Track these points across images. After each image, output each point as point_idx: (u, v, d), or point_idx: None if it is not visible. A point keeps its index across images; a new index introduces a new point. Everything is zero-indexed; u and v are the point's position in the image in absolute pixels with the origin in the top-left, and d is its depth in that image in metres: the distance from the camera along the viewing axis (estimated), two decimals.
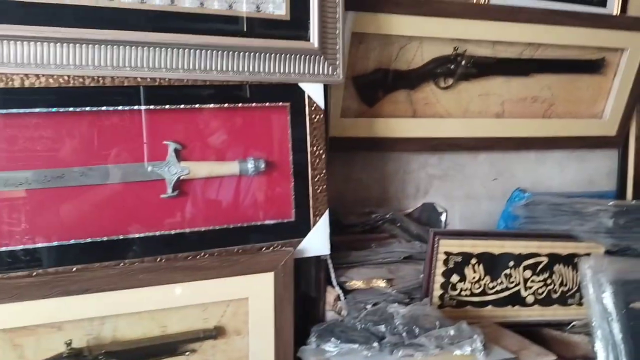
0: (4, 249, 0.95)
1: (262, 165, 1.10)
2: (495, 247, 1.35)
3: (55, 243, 0.98)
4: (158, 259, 1.04)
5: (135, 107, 1.02)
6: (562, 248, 1.41)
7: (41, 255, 0.98)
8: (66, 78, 0.95)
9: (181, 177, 1.06)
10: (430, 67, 1.45)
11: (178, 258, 1.05)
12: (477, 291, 1.36)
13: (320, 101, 1.12)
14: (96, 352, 1.03)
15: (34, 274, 0.97)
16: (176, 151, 1.05)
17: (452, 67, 1.46)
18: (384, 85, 1.43)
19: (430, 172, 1.57)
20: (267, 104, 1.10)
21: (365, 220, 1.45)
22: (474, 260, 1.34)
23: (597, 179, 1.74)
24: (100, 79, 0.97)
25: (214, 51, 1.02)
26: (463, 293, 1.35)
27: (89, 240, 1.00)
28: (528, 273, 1.38)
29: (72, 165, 1.00)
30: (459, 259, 1.34)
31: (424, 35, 1.40)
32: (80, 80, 0.97)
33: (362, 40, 1.34)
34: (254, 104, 1.09)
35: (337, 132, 1.34)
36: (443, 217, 1.57)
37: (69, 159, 1.00)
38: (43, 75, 0.94)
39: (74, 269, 0.99)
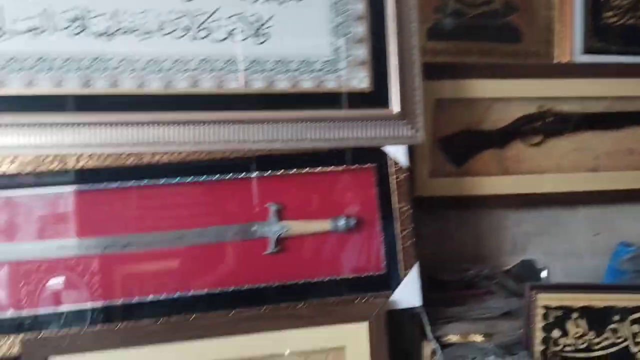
0: (135, 300, 1.13)
1: (353, 223, 1.20)
2: (598, 300, 1.32)
3: (177, 295, 1.15)
4: (262, 309, 1.16)
5: (242, 175, 1.18)
6: None
7: (165, 305, 1.14)
8: (185, 154, 1.15)
9: (281, 235, 1.19)
10: (517, 125, 1.50)
11: (280, 308, 1.17)
12: (582, 347, 1.31)
13: (403, 162, 1.22)
14: None
15: (159, 322, 1.13)
16: (277, 212, 1.19)
17: (540, 124, 1.50)
18: (471, 145, 1.50)
19: (526, 229, 1.58)
20: (355, 166, 1.22)
21: (461, 277, 1.47)
22: (575, 315, 1.31)
23: None
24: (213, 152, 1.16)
25: (307, 123, 1.17)
26: (567, 349, 1.31)
27: (204, 292, 1.15)
28: (636, 327, 1.32)
29: (190, 227, 1.17)
30: (559, 313, 1.31)
31: (508, 96, 1.47)
32: (197, 154, 1.15)
33: (446, 104, 1.44)
34: (343, 167, 1.21)
35: (427, 192, 1.42)
36: (544, 274, 1.56)
37: (188, 222, 1.17)
38: (166, 152, 1.14)
39: (192, 317, 1.14)
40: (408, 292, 1.21)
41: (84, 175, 1.12)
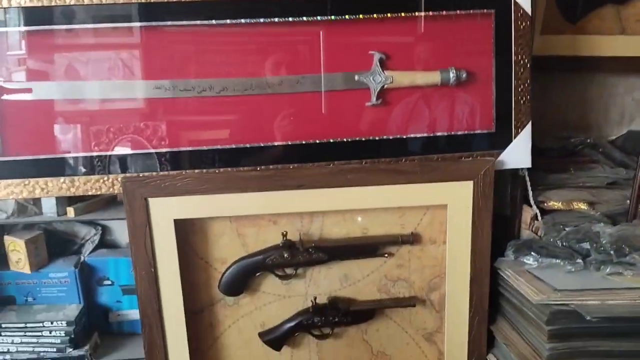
0: (234, 146, 1.09)
1: (464, 75, 1.10)
2: None
3: (276, 143, 1.10)
4: (363, 162, 1.10)
5: (345, 17, 1.07)
6: None
7: (264, 153, 1.09)
8: None
9: (385, 86, 1.10)
10: None
11: (381, 162, 1.11)
12: None
13: (527, 7, 1.08)
14: (307, 246, 1.14)
15: (258, 169, 1.09)
16: (380, 61, 1.09)
17: None
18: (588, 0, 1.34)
19: (638, 97, 1.44)
20: (472, 10, 1.09)
21: (563, 145, 1.38)
22: None
23: None
24: None
25: None
26: None
27: (304, 142, 1.10)
28: None
29: (289, 74, 1.09)
30: None
31: None
32: None
33: None
34: (458, 11, 1.09)
35: (536, 50, 1.28)
36: None
37: (287, 68, 1.09)
38: None
39: (291, 167, 1.09)
40: (518, 153, 1.13)
41: (180, 10, 1.04)
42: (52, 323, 1.20)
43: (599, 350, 1.00)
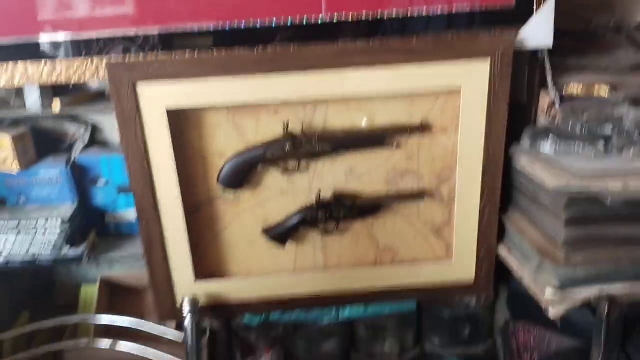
0: (228, 25, 0.99)
1: None
2: None
3: (273, 22, 1.00)
4: (371, 41, 1.01)
5: None
6: None
7: (262, 32, 1.00)
8: None
9: None
10: None
11: (390, 41, 1.02)
12: None
13: None
14: (310, 137, 1.07)
15: (256, 51, 1.00)
16: None
17: None
18: None
19: None
20: None
21: (584, 28, 1.27)
22: None
23: None
24: None
25: None
26: None
27: (305, 19, 1.00)
28: None
29: None
30: None
31: None
32: None
33: None
34: None
35: None
36: None
37: None
38: None
39: (292, 48, 1.00)
40: (539, 29, 1.03)
41: None
42: (46, 221, 1.15)
43: (619, 236, 0.96)
